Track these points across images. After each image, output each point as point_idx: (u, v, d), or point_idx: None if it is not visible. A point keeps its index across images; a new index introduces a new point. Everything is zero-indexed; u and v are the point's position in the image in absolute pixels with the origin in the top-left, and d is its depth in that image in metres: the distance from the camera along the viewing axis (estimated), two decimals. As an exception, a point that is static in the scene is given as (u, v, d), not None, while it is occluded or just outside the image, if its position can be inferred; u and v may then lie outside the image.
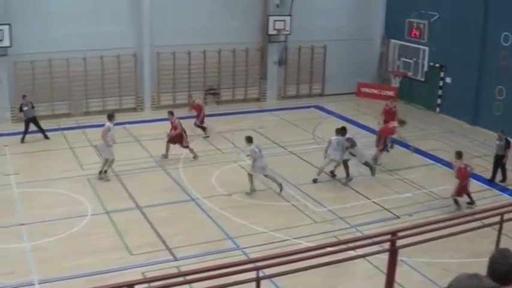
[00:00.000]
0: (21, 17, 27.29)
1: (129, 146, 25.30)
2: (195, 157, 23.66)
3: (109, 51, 29.07)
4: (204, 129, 26.56)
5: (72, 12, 28.19)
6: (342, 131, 21.88)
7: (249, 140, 20.82)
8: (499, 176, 22.46)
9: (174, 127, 23.57)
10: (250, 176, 20.65)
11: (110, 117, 21.86)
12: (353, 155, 21.84)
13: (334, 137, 21.66)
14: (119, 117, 28.25)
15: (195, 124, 26.28)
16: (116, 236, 17.31)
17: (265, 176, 20.83)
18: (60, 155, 23.96)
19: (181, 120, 23.96)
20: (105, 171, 21.55)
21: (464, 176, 19.71)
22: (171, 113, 24.08)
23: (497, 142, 22.32)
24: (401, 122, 23.99)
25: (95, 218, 18.37)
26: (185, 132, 23.81)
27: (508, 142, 22.06)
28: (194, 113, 26.78)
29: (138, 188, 20.78)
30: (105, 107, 29.54)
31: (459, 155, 20.13)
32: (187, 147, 23.70)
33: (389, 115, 25.02)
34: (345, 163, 21.85)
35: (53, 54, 27.79)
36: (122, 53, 29.52)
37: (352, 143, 21.69)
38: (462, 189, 19.80)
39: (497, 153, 22.33)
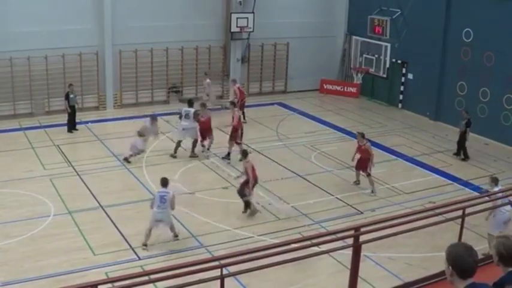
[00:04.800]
0: (-20, 16, 26.88)
1: (92, 145, 25.13)
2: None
3: (71, 50, 28.70)
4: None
5: (33, 10, 27.72)
6: None
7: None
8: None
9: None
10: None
11: None
12: None
13: None
14: (82, 117, 28.13)
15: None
16: (79, 236, 17.11)
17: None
18: (21, 155, 23.62)
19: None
20: None
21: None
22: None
23: (461, 122, 24.66)
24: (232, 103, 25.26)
25: (57, 219, 18.11)
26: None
27: (468, 121, 24.47)
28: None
29: (101, 187, 20.59)
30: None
31: (362, 135, 21.15)
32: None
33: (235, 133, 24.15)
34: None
35: (14, 53, 27.32)
36: (84, 52, 29.17)
37: None
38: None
39: (460, 131, 24.83)
